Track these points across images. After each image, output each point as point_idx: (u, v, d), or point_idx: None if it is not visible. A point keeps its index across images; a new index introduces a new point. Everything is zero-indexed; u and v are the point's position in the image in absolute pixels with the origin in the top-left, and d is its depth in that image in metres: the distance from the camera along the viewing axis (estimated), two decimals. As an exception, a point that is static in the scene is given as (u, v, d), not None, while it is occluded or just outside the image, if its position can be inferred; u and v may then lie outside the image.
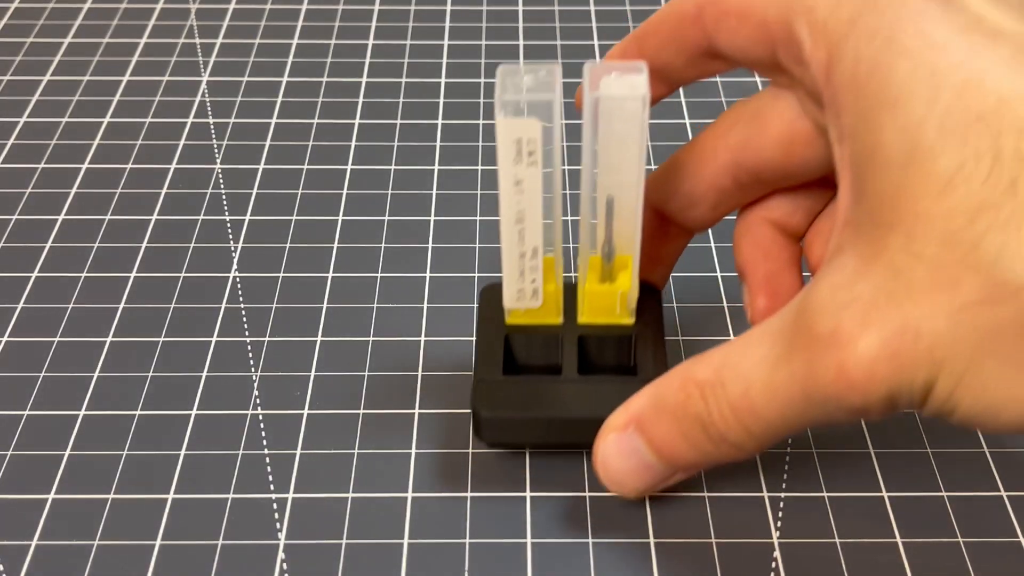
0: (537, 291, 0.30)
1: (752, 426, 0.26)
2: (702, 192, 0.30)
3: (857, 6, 0.25)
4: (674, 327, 0.36)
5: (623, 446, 0.28)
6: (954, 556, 0.29)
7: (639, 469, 0.28)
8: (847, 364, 0.23)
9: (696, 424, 0.26)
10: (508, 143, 0.27)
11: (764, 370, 0.25)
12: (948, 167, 0.22)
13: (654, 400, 0.27)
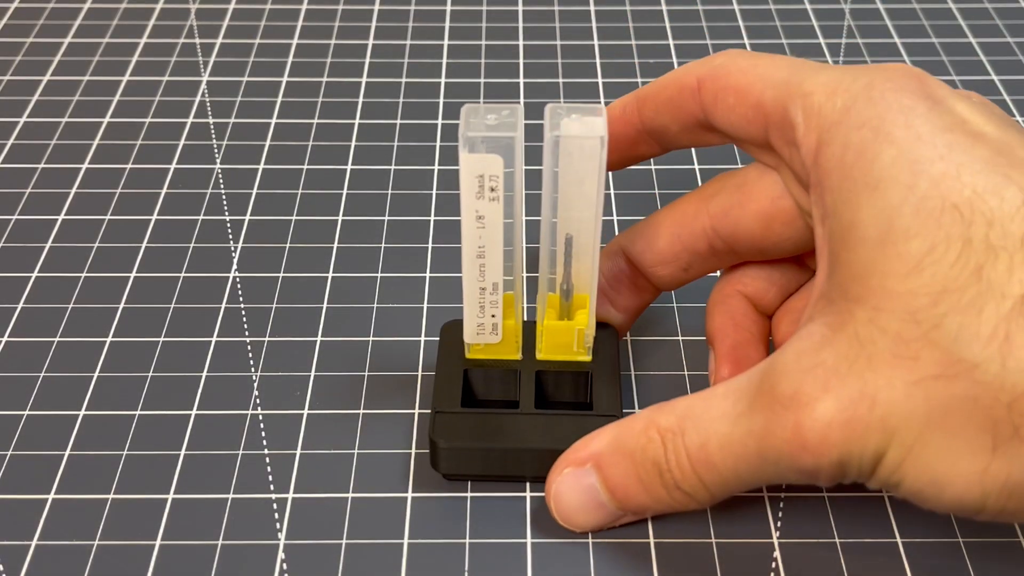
0: (497, 326, 0.31)
1: (706, 477, 0.26)
2: (676, 252, 0.32)
3: (851, 96, 0.26)
4: (673, 327, 0.36)
5: (578, 482, 0.28)
6: (954, 556, 0.29)
7: (590, 506, 0.28)
8: (803, 426, 0.24)
9: (653, 469, 0.27)
10: (470, 178, 0.28)
11: (724, 425, 0.26)
12: (920, 249, 0.24)
13: (615, 440, 0.28)
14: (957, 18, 0.53)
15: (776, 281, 0.32)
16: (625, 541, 0.29)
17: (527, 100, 0.47)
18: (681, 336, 0.35)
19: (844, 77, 0.27)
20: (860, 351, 0.24)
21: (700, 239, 0.31)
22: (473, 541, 0.29)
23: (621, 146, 0.32)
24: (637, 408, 0.33)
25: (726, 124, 0.29)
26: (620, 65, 0.49)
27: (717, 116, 0.29)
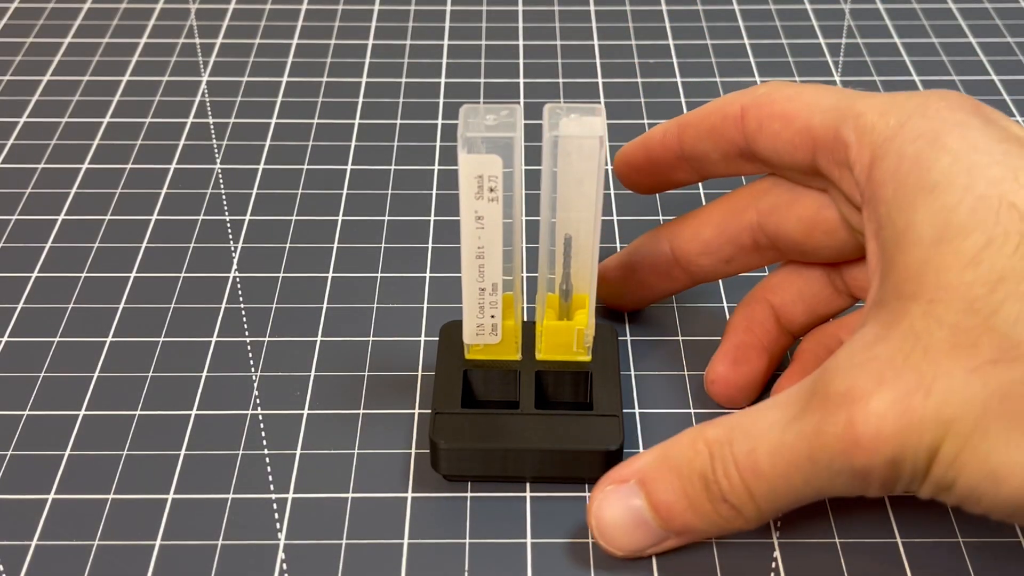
0: (496, 327, 0.31)
1: (754, 486, 0.26)
2: (720, 243, 0.32)
3: (906, 112, 0.27)
4: (674, 327, 0.36)
5: (620, 499, 0.27)
6: (954, 556, 0.29)
7: (633, 526, 0.28)
8: (856, 421, 0.24)
9: (699, 482, 0.26)
10: (469, 179, 0.28)
11: (774, 431, 0.25)
12: (977, 243, 0.24)
13: (660, 455, 0.27)
14: (957, 18, 0.53)
15: (806, 298, 0.32)
16: (625, 541, 0.29)
17: (527, 100, 0.47)
18: (681, 336, 0.35)
19: (896, 98, 0.27)
20: (916, 343, 0.24)
21: (745, 233, 0.31)
22: (473, 541, 0.29)
23: (659, 170, 0.33)
24: (637, 408, 0.33)
25: (770, 151, 0.30)
26: (620, 65, 0.49)
27: (761, 143, 0.30)
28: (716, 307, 0.36)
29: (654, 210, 0.41)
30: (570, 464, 0.30)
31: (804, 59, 0.49)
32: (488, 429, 0.30)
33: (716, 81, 0.48)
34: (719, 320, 0.36)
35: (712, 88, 0.47)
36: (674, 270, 0.33)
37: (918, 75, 0.48)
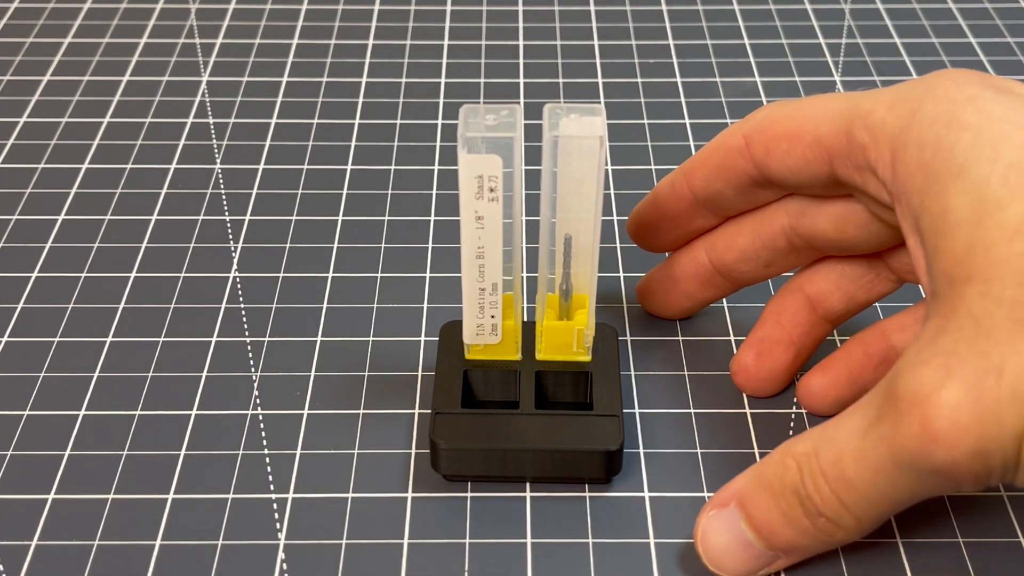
0: (496, 327, 0.31)
1: (846, 498, 0.25)
2: (756, 250, 0.32)
3: (915, 100, 0.26)
4: (674, 327, 0.36)
5: (723, 523, 0.27)
6: (954, 556, 0.29)
7: (738, 548, 0.27)
8: (930, 418, 0.23)
9: (792, 497, 0.26)
10: (469, 179, 0.28)
11: (855, 438, 0.25)
12: (1017, 213, 0.23)
13: (754, 475, 0.27)
14: (957, 18, 0.53)
15: (843, 286, 0.32)
16: (625, 541, 0.29)
17: (527, 100, 0.47)
18: (681, 336, 0.35)
19: (901, 89, 0.27)
20: (977, 328, 0.23)
21: (779, 237, 0.31)
22: (473, 541, 0.29)
23: (676, 223, 0.33)
24: (637, 408, 0.33)
25: (784, 172, 0.29)
26: (620, 65, 0.49)
27: (772, 167, 0.29)
28: (716, 307, 0.36)
29: (654, 210, 0.40)
30: (570, 464, 0.30)
31: (804, 59, 0.49)
32: (488, 429, 0.30)
33: (716, 81, 0.48)
34: (719, 320, 0.36)
35: (712, 88, 0.47)
36: (716, 279, 0.33)
37: (918, 75, 0.48)
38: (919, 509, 0.30)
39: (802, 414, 0.33)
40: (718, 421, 0.32)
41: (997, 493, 0.30)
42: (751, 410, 0.33)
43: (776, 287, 0.37)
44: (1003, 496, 0.30)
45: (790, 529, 0.26)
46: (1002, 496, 0.30)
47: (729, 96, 0.47)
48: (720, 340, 0.35)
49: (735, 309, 0.36)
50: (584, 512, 0.30)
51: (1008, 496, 0.30)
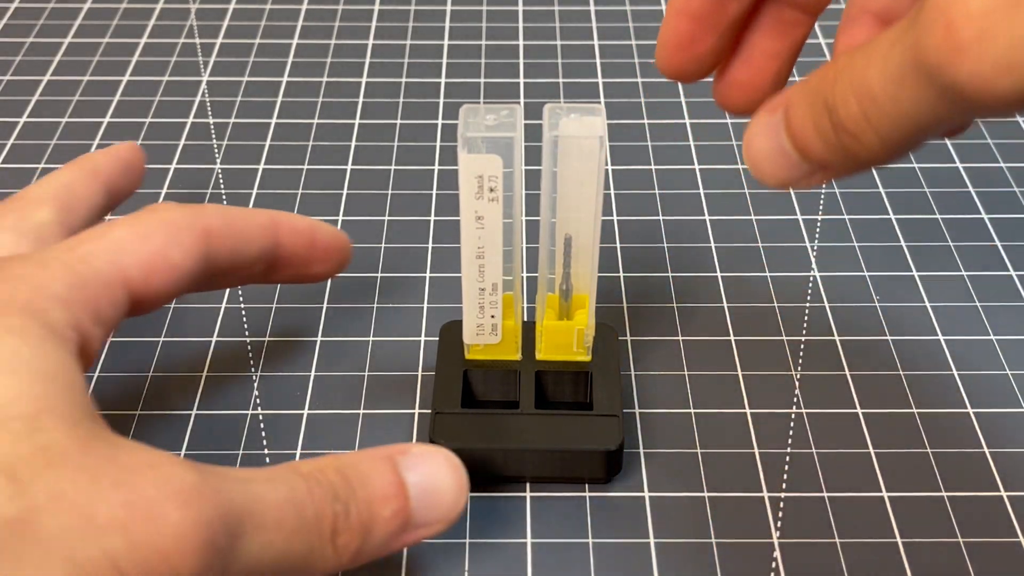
0: (496, 327, 0.31)
1: (869, 111, 0.23)
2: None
3: None
4: (673, 327, 0.36)
5: (768, 126, 0.26)
6: (954, 556, 0.29)
7: (776, 154, 0.26)
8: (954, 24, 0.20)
9: (824, 108, 0.24)
10: (469, 179, 0.28)
11: (882, 49, 0.23)
12: None
13: (803, 83, 0.25)
14: (957, 18, 0.53)
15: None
16: (625, 541, 0.29)
17: (527, 100, 0.47)
18: (681, 336, 0.35)
19: None
20: None
21: None
22: (473, 541, 0.29)
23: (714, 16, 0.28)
24: (637, 408, 0.33)
25: None
26: (620, 65, 0.49)
27: None
28: (716, 307, 0.36)
29: (654, 210, 0.41)
30: (570, 464, 0.30)
31: (804, 59, 0.49)
32: (488, 429, 0.30)
33: (716, 81, 0.48)
34: (719, 320, 0.36)
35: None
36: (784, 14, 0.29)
37: (918, 75, 0.48)
38: (921, 510, 0.30)
39: (802, 414, 0.33)
40: (718, 421, 0.33)
41: (997, 493, 0.30)
42: (751, 410, 0.33)
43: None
44: (1003, 496, 0.30)
45: (820, 142, 0.25)
46: (1002, 496, 0.30)
47: (729, 96, 0.47)
48: (720, 340, 0.35)
49: (735, 309, 0.36)
50: (584, 512, 0.30)
51: (1008, 496, 0.30)
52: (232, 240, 0.29)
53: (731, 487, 0.31)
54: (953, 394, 0.33)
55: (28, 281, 0.25)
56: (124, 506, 0.21)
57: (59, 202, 0.31)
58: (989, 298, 0.37)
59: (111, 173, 0.34)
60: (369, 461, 0.26)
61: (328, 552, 0.25)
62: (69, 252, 0.26)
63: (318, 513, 0.25)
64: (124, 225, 0.28)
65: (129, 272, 0.27)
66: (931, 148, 0.44)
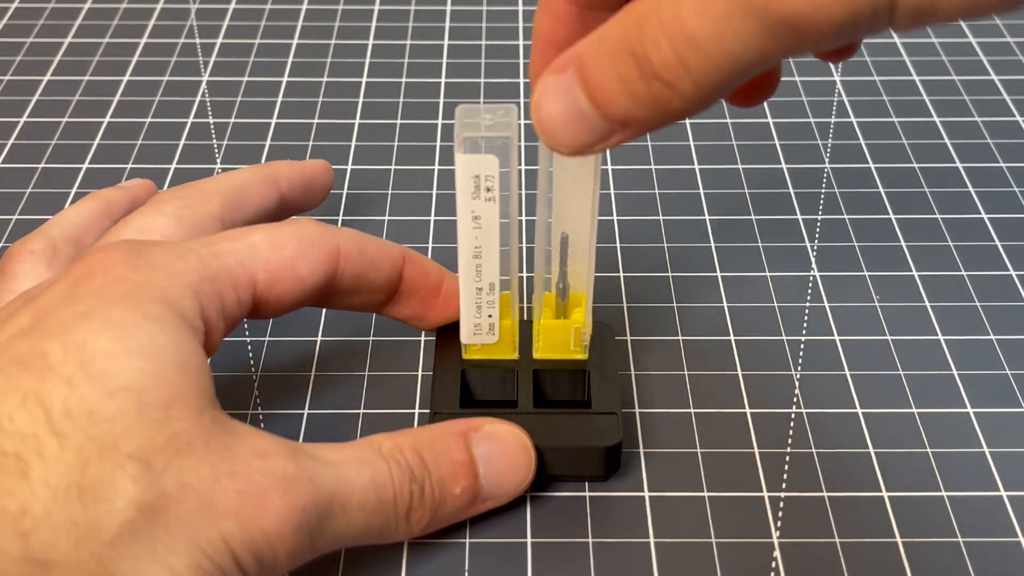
0: (494, 326, 0.31)
1: (686, 54, 0.22)
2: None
3: None
4: (673, 327, 0.36)
5: (559, 88, 0.24)
6: (954, 556, 0.29)
7: (572, 117, 0.24)
8: None
9: (630, 57, 0.22)
10: (466, 179, 0.28)
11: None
12: None
13: (598, 35, 0.23)
14: (957, 18, 0.53)
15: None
16: (625, 541, 0.29)
17: (527, 100, 0.47)
18: (681, 336, 0.35)
19: None
20: None
21: None
22: (473, 541, 0.29)
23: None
24: (637, 409, 0.33)
25: None
26: (620, 65, 0.49)
27: None
28: (716, 307, 0.36)
29: (654, 210, 0.41)
30: (569, 462, 0.30)
31: (804, 59, 0.49)
32: None
33: (716, 81, 0.48)
34: (719, 320, 0.36)
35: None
36: None
37: (918, 75, 0.48)
38: (921, 510, 0.30)
39: (802, 414, 0.33)
40: (718, 421, 0.33)
41: (997, 493, 0.30)
42: (751, 410, 0.33)
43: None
44: (1003, 496, 0.30)
45: (625, 96, 0.23)
46: (1002, 496, 0.30)
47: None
48: (720, 340, 0.35)
49: (735, 309, 0.36)
50: (584, 512, 0.30)
51: (1008, 496, 0.30)
52: (361, 265, 0.30)
53: (731, 487, 0.31)
54: (953, 394, 0.33)
55: (165, 268, 0.26)
56: (238, 494, 0.24)
57: (228, 199, 0.33)
58: (989, 298, 0.37)
59: (291, 185, 0.35)
60: (443, 439, 0.28)
61: (402, 526, 0.27)
62: (206, 247, 0.28)
63: (397, 493, 0.27)
64: (261, 231, 0.29)
65: (257, 276, 0.28)
66: (931, 148, 0.44)
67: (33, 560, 0.22)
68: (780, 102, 0.46)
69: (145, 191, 0.36)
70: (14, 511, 0.22)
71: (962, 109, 0.46)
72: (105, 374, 0.24)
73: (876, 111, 0.46)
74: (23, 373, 0.24)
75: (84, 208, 0.34)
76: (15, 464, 0.23)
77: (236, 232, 0.29)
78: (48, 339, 0.24)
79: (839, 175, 0.42)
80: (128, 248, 0.27)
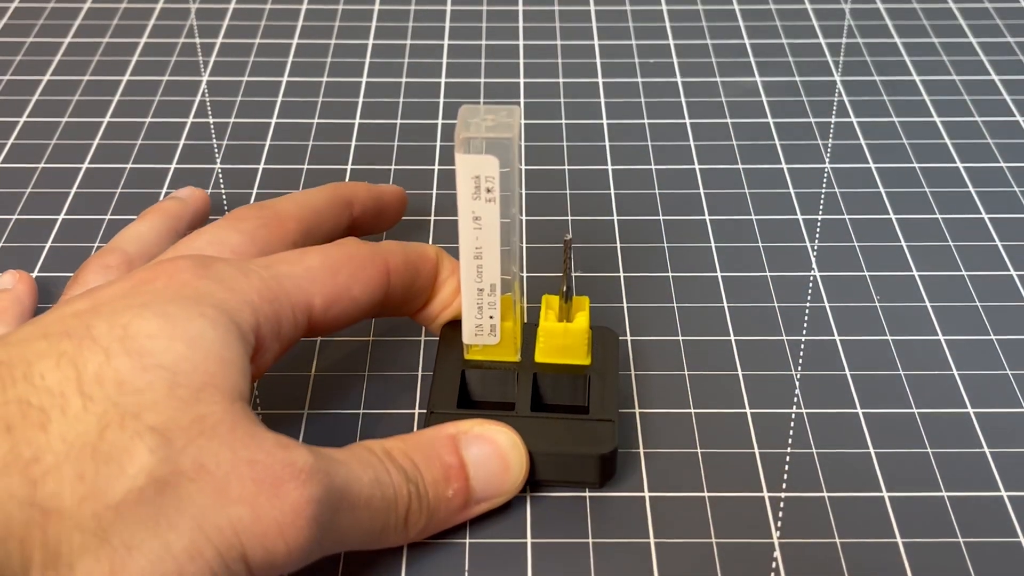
0: (495, 327, 0.31)
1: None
2: None
3: None
4: (674, 327, 0.36)
5: None
6: (954, 556, 0.29)
7: None
8: None
9: None
10: (467, 179, 0.28)
11: None
12: None
13: None
14: (957, 18, 0.53)
15: None
16: (625, 541, 0.29)
17: (527, 100, 0.47)
18: (681, 336, 0.35)
19: None
20: None
21: None
22: (473, 541, 0.29)
23: None
24: (637, 409, 0.33)
25: None
26: (620, 65, 0.49)
27: None
28: (716, 307, 0.36)
29: (654, 210, 0.41)
30: (563, 467, 0.30)
31: (804, 59, 0.49)
32: None
33: (716, 81, 0.48)
34: (719, 320, 0.36)
35: (712, 88, 0.47)
36: None
37: (918, 75, 0.48)
38: (921, 510, 0.30)
39: (802, 414, 0.33)
40: (718, 421, 0.32)
41: (997, 493, 0.30)
42: (751, 410, 0.33)
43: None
44: (1003, 496, 0.30)
45: None
46: (1002, 496, 0.30)
47: (729, 96, 0.47)
48: (720, 340, 0.35)
49: (735, 309, 0.36)
50: (584, 512, 0.30)
51: (1008, 496, 0.30)
52: (408, 276, 0.31)
53: (731, 487, 0.31)
54: (953, 394, 0.33)
55: (228, 283, 0.27)
56: (254, 482, 0.24)
57: (304, 226, 0.33)
58: (989, 298, 0.37)
59: (364, 210, 0.36)
60: (432, 443, 0.28)
61: (400, 529, 0.27)
62: (267, 269, 0.28)
63: (397, 493, 0.27)
64: (317, 255, 0.30)
65: (314, 300, 0.29)
66: (931, 148, 0.44)
67: (36, 506, 0.22)
68: (780, 102, 0.46)
69: (201, 202, 0.37)
70: (27, 457, 0.23)
71: (962, 109, 0.46)
72: (145, 351, 0.24)
73: (876, 111, 0.46)
74: (65, 340, 0.24)
75: (153, 222, 0.35)
76: (38, 416, 0.23)
77: (293, 255, 0.29)
78: (97, 318, 0.25)
79: (839, 175, 0.42)
80: (196, 259, 0.28)
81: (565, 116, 0.46)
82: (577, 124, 0.45)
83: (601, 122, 0.45)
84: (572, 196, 0.41)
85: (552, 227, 0.40)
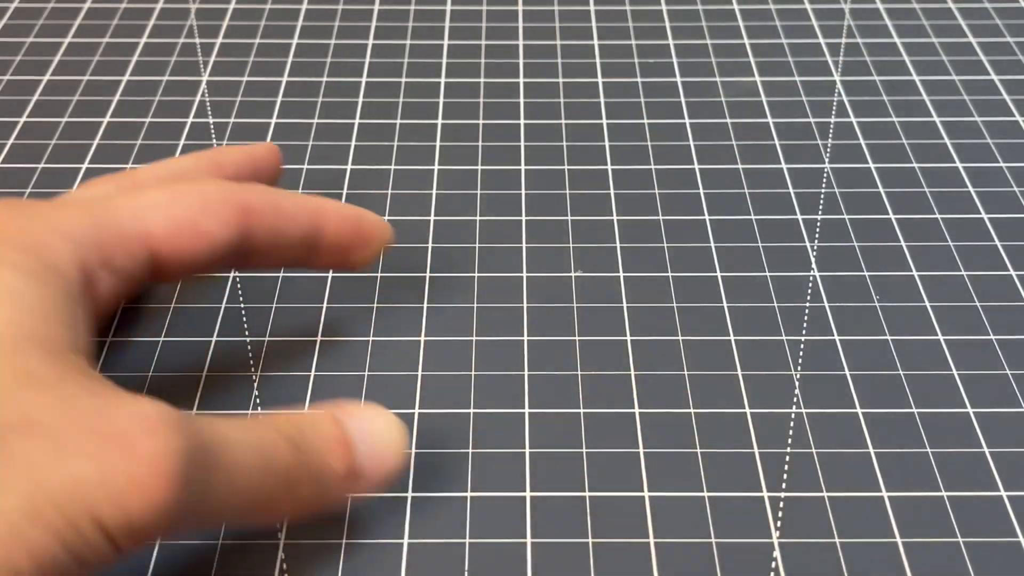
0: None
1: None
2: None
3: None
4: (673, 327, 0.36)
5: None
6: (954, 556, 0.29)
7: None
8: None
9: None
10: None
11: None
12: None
13: None
14: (957, 18, 0.53)
15: None
16: (625, 541, 0.29)
17: (527, 100, 0.47)
18: (681, 336, 0.35)
19: None
20: None
21: None
22: (473, 541, 0.29)
23: None
24: (637, 409, 0.33)
25: None
26: (620, 65, 0.49)
27: None
28: (716, 307, 0.36)
29: (654, 210, 0.41)
30: None
31: (804, 59, 0.50)
32: None
33: (716, 81, 0.48)
34: (719, 320, 0.36)
35: (712, 88, 0.47)
36: None
37: (918, 75, 0.48)
38: (921, 510, 0.30)
39: (802, 414, 0.33)
40: (718, 421, 0.33)
41: (997, 493, 0.30)
42: (751, 410, 0.33)
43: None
44: (1003, 496, 0.30)
45: None
46: (1002, 496, 0.30)
47: (729, 96, 0.47)
48: (720, 340, 0.35)
49: (735, 309, 0.36)
50: (584, 512, 0.30)
51: (1008, 496, 0.30)
52: (273, 219, 0.29)
53: (731, 487, 0.31)
54: (953, 394, 0.33)
55: (42, 219, 0.25)
56: (95, 433, 0.21)
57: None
58: (989, 298, 0.37)
59: (238, 171, 0.34)
60: (314, 415, 0.27)
61: (287, 500, 0.25)
62: (96, 203, 0.27)
63: (283, 460, 0.25)
64: (161, 189, 0.28)
65: (152, 230, 0.27)
66: (931, 148, 0.44)
67: None
68: (780, 102, 0.46)
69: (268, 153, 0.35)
70: None
71: (962, 109, 0.46)
72: None
73: (876, 111, 0.46)
74: None
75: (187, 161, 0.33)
76: None
77: (131, 191, 0.28)
78: None
79: (839, 175, 0.42)
80: (9, 201, 0.26)
81: (565, 116, 0.46)
82: (577, 124, 0.45)
83: (601, 122, 0.45)
84: (572, 196, 0.41)
85: (552, 227, 0.40)
